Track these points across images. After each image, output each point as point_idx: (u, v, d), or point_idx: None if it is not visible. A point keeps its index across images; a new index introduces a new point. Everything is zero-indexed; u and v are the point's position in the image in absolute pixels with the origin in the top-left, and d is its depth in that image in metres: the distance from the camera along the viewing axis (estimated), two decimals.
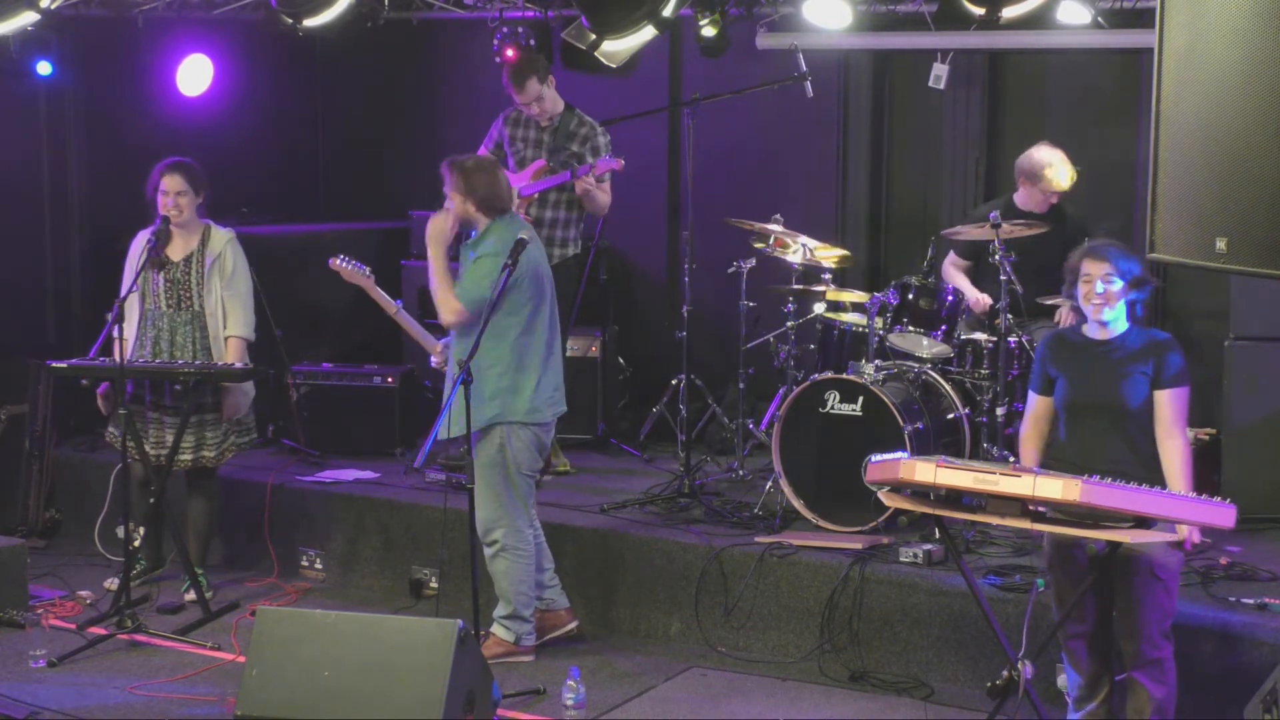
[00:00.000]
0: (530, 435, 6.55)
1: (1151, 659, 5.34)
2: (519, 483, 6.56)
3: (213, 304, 7.36)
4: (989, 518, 5.16)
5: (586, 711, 6.08)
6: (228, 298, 7.38)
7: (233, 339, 7.38)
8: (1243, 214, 4.37)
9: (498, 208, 6.53)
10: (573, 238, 8.14)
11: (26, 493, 8.56)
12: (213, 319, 7.36)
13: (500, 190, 6.55)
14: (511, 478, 6.52)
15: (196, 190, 7.38)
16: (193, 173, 7.39)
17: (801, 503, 7.14)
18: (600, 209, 8.07)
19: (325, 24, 7.87)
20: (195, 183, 7.37)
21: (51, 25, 8.16)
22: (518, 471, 6.54)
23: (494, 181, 6.54)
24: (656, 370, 9.15)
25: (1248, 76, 4.31)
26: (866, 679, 6.48)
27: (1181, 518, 5.04)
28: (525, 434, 6.53)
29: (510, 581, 6.59)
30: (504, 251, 6.30)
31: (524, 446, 6.54)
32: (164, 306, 7.34)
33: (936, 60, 8.38)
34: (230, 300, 7.38)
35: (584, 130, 8.07)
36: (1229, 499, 4.96)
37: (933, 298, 7.51)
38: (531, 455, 6.59)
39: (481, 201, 6.50)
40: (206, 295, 7.35)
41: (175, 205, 7.33)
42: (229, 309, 7.38)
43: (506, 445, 6.49)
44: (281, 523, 8.05)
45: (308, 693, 5.42)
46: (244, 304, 7.43)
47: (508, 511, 6.54)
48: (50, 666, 6.62)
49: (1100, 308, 5.41)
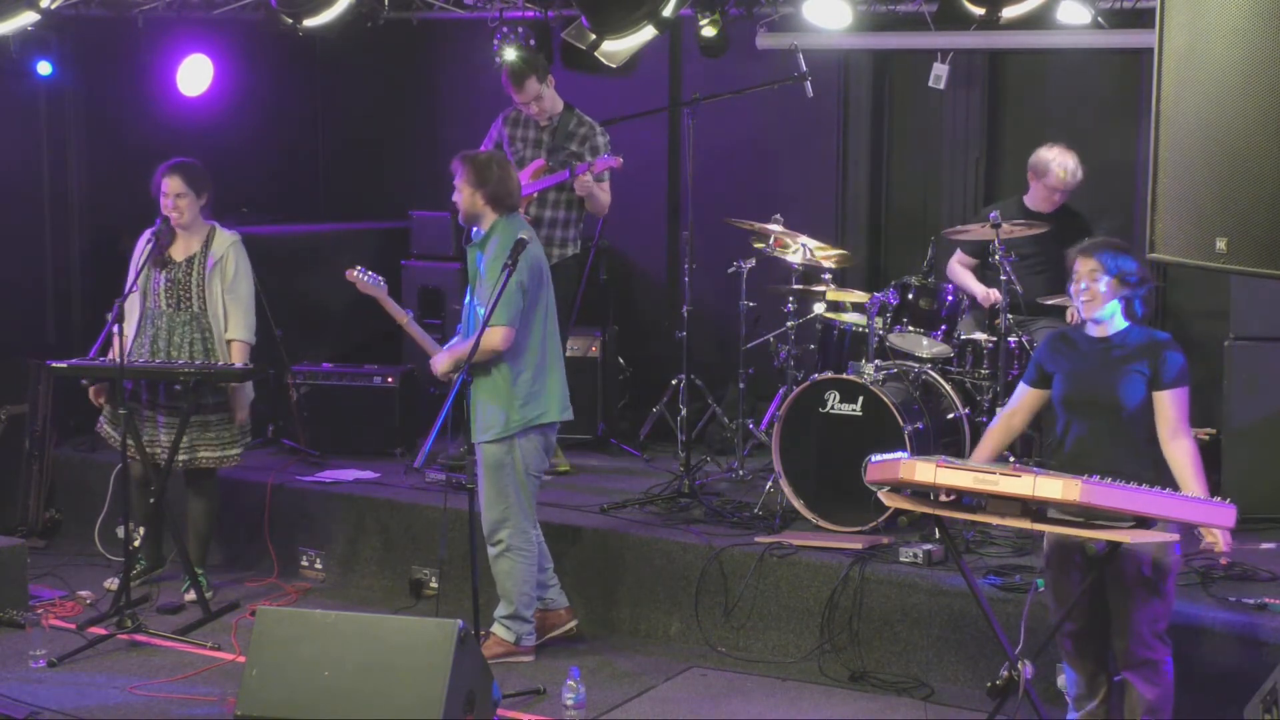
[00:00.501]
0: (540, 438, 6.59)
1: (1142, 659, 5.33)
2: (527, 484, 6.58)
3: (214, 307, 7.36)
4: (989, 518, 5.15)
5: (586, 711, 6.08)
6: (229, 301, 7.37)
7: (235, 343, 7.38)
8: (1243, 214, 4.37)
9: (507, 204, 6.52)
10: (572, 237, 8.14)
11: (26, 493, 8.56)
12: (214, 321, 7.36)
13: (511, 187, 6.54)
14: (520, 479, 6.54)
15: (198, 192, 7.36)
16: (193, 174, 7.37)
17: (801, 503, 7.14)
18: (600, 208, 8.07)
19: (325, 24, 7.87)
20: (196, 184, 7.36)
21: (51, 25, 8.16)
22: (526, 473, 6.56)
23: (506, 177, 6.54)
24: (656, 370, 9.16)
25: (1248, 76, 4.30)
26: (866, 679, 6.48)
27: (1182, 518, 5.04)
28: (536, 436, 6.56)
29: (513, 582, 6.59)
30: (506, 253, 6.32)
31: (534, 449, 6.57)
32: (164, 306, 7.34)
33: (936, 60, 8.38)
34: (232, 304, 7.38)
35: (583, 130, 8.07)
36: (1229, 499, 4.96)
37: (933, 298, 7.51)
38: (540, 457, 6.62)
39: (492, 196, 6.48)
40: (208, 297, 7.34)
41: (175, 207, 7.32)
42: (230, 313, 7.38)
43: (517, 447, 6.51)
44: (281, 523, 8.05)
45: (308, 693, 5.42)
46: (245, 308, 7.42)
47: (514, 513, 6.55)
48: (50, 666, 6.62)
49: (1088, 305, 5.40)
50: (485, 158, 6.60)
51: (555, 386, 6.58)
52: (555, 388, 6.58)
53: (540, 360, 6.52)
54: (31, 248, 9.22)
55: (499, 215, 6.50)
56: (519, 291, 6.33)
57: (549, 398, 6.55)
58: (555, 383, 6.58)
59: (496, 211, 6.50)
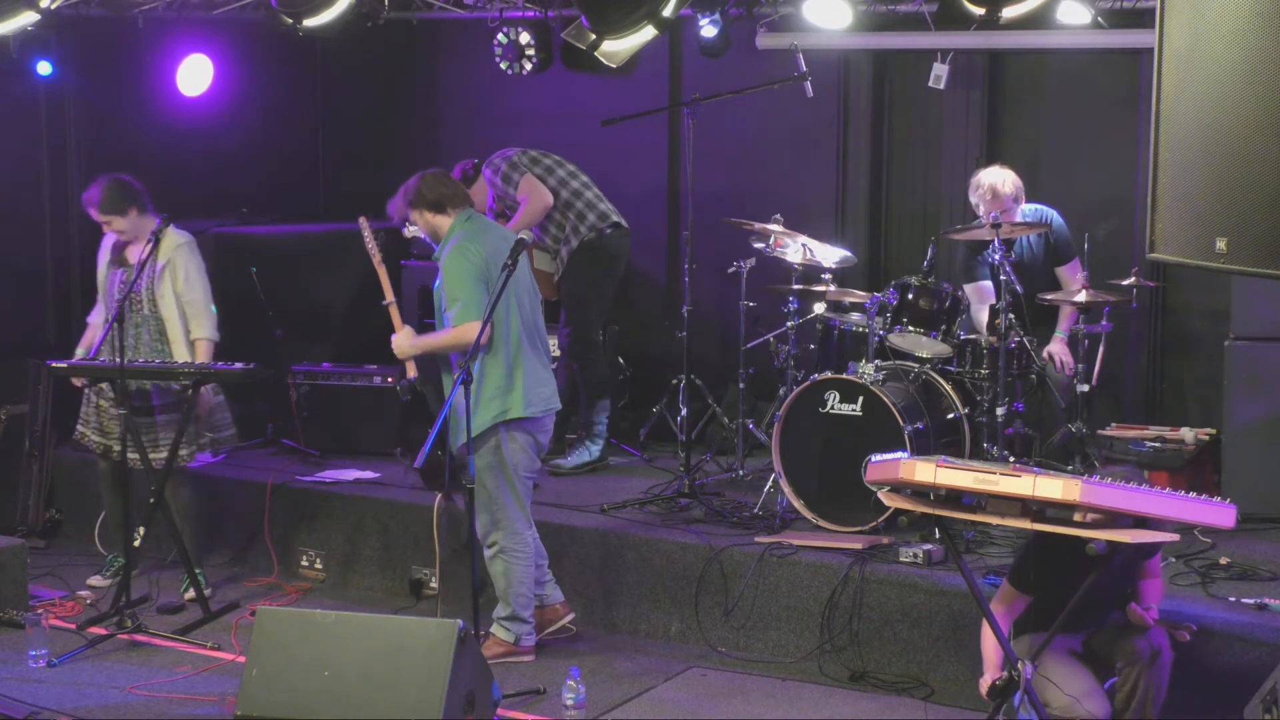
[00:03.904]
0: (526, 437, 6.56)
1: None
2: (516, 485, 6.56)
3: (167, 308, 7.42)
4: (989, 518, 5.15)
5: (586, 711, 6.09)
6: (186, 305, 7.47)
7: (200, 342, 7.48)
8: (1243, 214, 4.37)
9: (453, 202, 6.65)
10: (565, 236, 8.15)
11: (26, 493, 8.56)
12: (169, 323, 7.44)
13: (445, 188, 6.68)
14: (509, 480, 6.53)
15: (121, 212, 7.44)
16: (107, 200, 7.41)
17: (801, 503, 7.14)
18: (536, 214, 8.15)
19: (325, 24, 7.87)
20: (114, 208, 7.43)
21: (51, 25, 8.16)
22: (514, 473, 6.55)
23: (437, 182, 6.69)
24: (656, 370, 9.15)
25: (1248, 77, 4.30)
26: (866, 679, 6.48)
27: (1182, 518, 5.04)
28: (520, 436, 6.54)
29: (509, 583, 6.59)
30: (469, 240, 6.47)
31: (520, 449, 6.55)
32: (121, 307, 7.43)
33: (936, 60, 8.38)
34: (189, 307, 7.47)
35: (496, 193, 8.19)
36: (1229, 499, 4.96)
37: (933, 298, 7.50)
38: (528, 457, 6.60)
39: (434, 204, 6.64)
40: (159, 299, 7.40)
41: (110, 230, 7.50)
42: (189, 314, 7.47)
43: (502, 447, 6.50)
44: (281, 523, 8.05)
45: (308, 693, 5.42)
46: (204, 307, 7.51)
47: (506, 514, 6.54)
48: (50, 666, 6.62)
49: None
50: (409, 183, 6.72)
51: (525, 383, 6.51)
52: (525, 384, 6.51)
53: (507, 357, 6.49)
54: (31, 248, 9.22)
55: (452, 215, 6.63)
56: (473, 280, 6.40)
57: (515, 394, 6.49)
58: (523, 379, 6.51)
59: (450, 213, 6.63)
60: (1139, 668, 5.41)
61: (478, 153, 8.52)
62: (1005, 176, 7.51)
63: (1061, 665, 5.47)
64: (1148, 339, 8.53)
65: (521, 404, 6.50)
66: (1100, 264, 7.59)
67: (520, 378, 6.50)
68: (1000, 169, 7.57)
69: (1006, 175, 7.52)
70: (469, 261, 6.44)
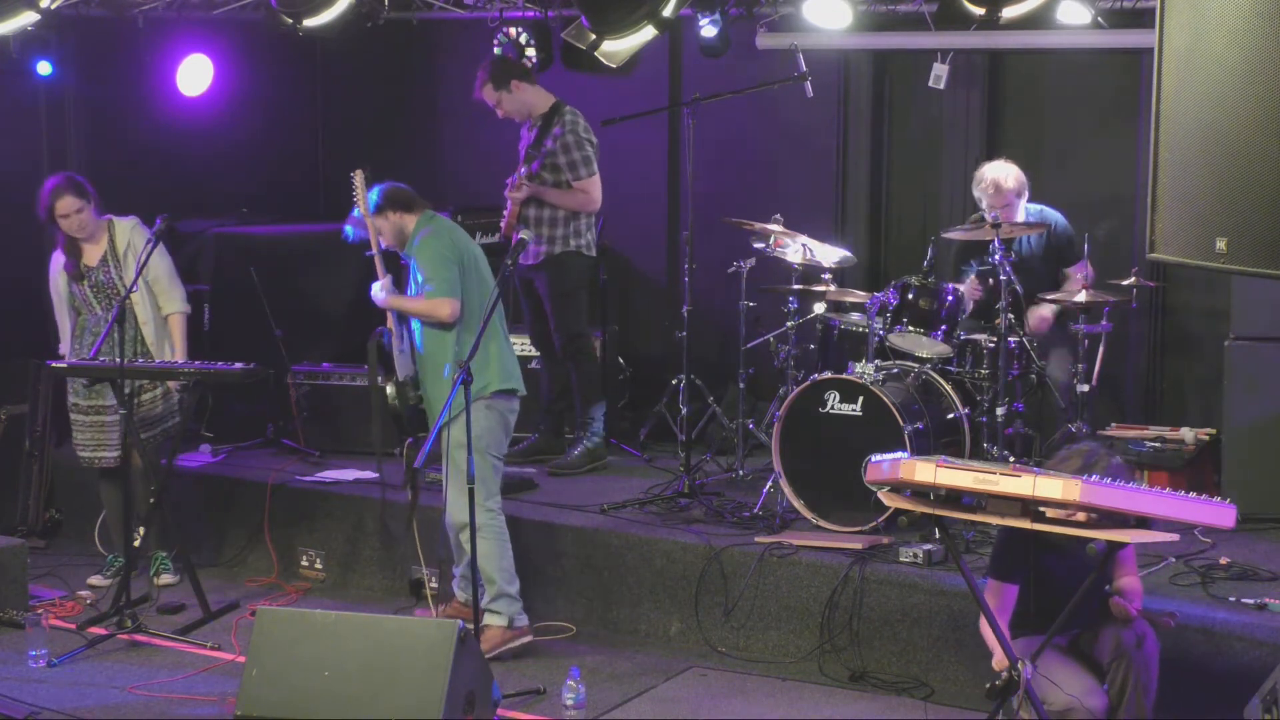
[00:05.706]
0: (496, 416, 6.68)
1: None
2: (489, 459, 6.66)
3: (137, 292, 7.47)
4: (989, 518, 5.15)
5: (586, 711, 6.09)
6: (153, 280, 7.56)
7: (172, 316, 7.62)
8: (1243, 214, 4.37)
9: (414, 203, 6.89)
10: (560, 235, 8.12)
11: (26, 493, 8.57)
12: (140, 306, 7.52)
13: (402, 193, 6.91)
14: (480, 454, 6.53)
15: (89, 199, 7.53)
16: (80, 187, 7.54)
17: (801, 503, 7.14)
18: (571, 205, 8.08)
19: (325, 24, 7.88)
20: (85, 194, 7.53)
21: (51, 25, 8.17)
22: (487, 453, 6.63)
23: (391, 188, 6.92)
24: (656, 370, 9.16)
25: (1248, 77, 4.31)
26: (866, 679, 6.48)
27: (1182, 518, 5.04)
28: (490, 414, 6.64)
29: (487, 560, 6.64)
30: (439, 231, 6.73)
31: (491, 428, 6.67)
32: (99, 311, 7.49)
33: (936, 60, 8.38)
34: (156, 282, 7.58)
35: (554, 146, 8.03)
36: (1229, 499, 4.96)
37: (933, 298, 7.50)
38: (497, 436, 6.73)
39: (401, 206, 6.86)
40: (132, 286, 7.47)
41: (77, 225, 7.53)
42: (157, 290, 7.59)
43: (480, 423, 6.53)
44: (281, 523, 8.05)
45: (308, 693, 5.42)
46: (169, 280, 7.64)
47: (480, 490, 6.54)
48: (50, 666, 6.62)
49: None
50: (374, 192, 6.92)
51: (499, 357, 6.70)
52: (499, 358, 6.69)
53: (483, 334, 6.51)
54: (31, 248, 9.21)
55: (415, 216, 6.85)
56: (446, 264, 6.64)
57: (491, 369, 6.65)
58: (497, 353, 6.69)
59: (412, 214, 6.85)
60: (1126, 660, 5.41)
61: (478, 152, 8.52)
62: (1008, 171, 7.52)
63: (1061, 664, 5.46)
64: (1148, 339, 8.53)
65: (499, 377, 6.68)
66: (1100, 264, 7.60)
67: (495, 353, 6.66)
68: (1004, 163, 7.58)
69: (1010, 170, 7.53)
70: (442, 243, 6.73)
